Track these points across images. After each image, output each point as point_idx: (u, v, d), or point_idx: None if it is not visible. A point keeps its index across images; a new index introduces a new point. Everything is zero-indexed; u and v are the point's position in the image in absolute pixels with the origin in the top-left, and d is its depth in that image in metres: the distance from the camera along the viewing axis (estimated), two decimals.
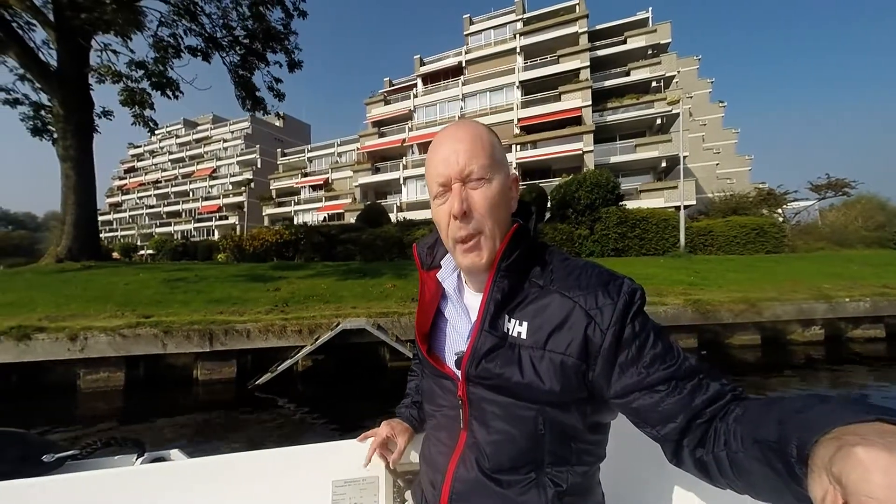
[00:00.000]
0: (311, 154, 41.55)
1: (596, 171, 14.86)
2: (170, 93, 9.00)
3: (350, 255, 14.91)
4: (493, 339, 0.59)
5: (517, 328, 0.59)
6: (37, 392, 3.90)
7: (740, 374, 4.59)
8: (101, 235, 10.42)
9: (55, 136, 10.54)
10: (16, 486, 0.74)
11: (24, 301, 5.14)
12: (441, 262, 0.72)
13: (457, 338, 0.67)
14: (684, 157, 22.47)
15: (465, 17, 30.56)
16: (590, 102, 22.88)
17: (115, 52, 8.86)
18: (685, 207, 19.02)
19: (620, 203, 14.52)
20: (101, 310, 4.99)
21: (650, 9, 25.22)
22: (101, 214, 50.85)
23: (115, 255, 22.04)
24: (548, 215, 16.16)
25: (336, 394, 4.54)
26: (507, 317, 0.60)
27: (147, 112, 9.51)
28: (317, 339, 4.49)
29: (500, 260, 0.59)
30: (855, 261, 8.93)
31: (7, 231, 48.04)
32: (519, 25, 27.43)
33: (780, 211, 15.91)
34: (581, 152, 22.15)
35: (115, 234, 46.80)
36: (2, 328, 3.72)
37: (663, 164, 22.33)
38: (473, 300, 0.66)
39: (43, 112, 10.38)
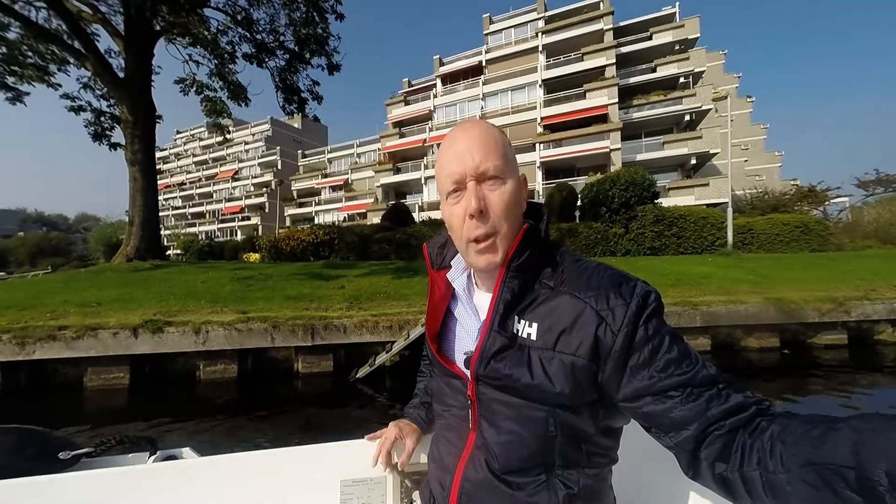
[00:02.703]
0: (330, 155, 42.19)
1: (631, 168, 14.74)
2: (241, 100, 9.39)
3: (384, 254, 15.17)
4: (503, 340, 0.59)
5: (527, 329, 0.58)
6: (164, 382, 4.19)
7: (827, 374, 4.58)
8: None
9: (112, 139, 11.09)
10: (34, 483, 0.76)
11: (126, 298, 5.48)
12: (451, 263, 0.72)
13: (466, 338, 0.66)
14: (715, 154, 22.07)
15: (484, 16, 30.56)
16: (616, 100, 22.68)
17: (197, 63, 9.30)
18: (718, 205, 18.71)
19: (656, 201, 14.39)
20: (199, 305, 5.29)
21: (677, 4, 24.79)
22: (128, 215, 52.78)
23: None
24: (578, 214, 16.14)
25: None
26: (516, 318, 0.59)
27: (224, 120, 9.94)
28: (409, 334, 4.67)
29: (510, 260, 0.59)
30: None
31: (45, 233, 50.16)
32: (540, 24, 27.30)
33: (821, 208, 15.50)
34: (608, 150, 21.96)
35: None
36: (136, 322, 4.02)
37: (693, 162, 21.98)
38: (483, 300, 0.66)
39: (102, 118, 10.93)
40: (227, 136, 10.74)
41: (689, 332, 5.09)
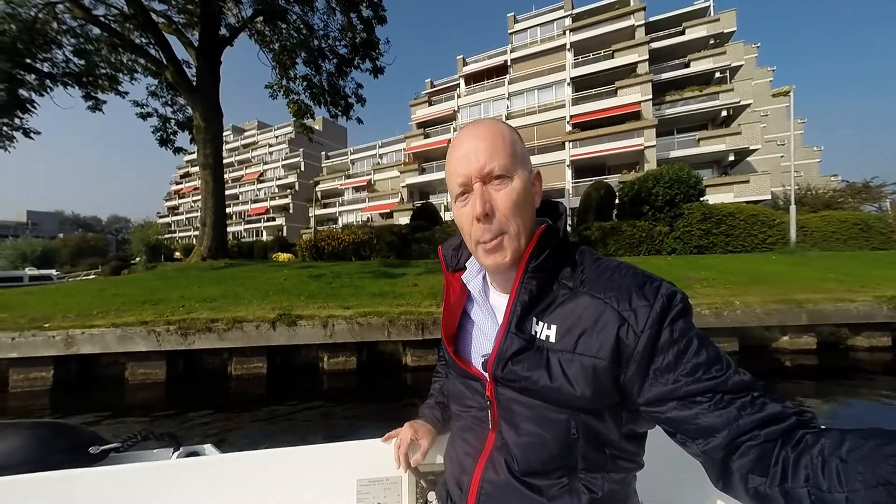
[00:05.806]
0: (353, 156, 42.85)
1: (675, 166, 14.53)
2: (320, 102, 9.76)
3: (424, 252, 15.36)
4: (520, 342, 0.57)
5: (545, 331, 0.56)
6: (291, 373, 4.44)
7: None
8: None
9: (175, 144, 11.61)
10: (66, 476, 0.80)
11: (231, 294, 5.77)
12: (466, 264, 0.72)
13: (483, 340, 0.66)
14: (755, 150, 21.43)
15: (508, 15, 30.51)
16: (650, 97, 22.34)
17: (286, 69, 9.74)
18: (758, 202, 18.21)
19: (702, 198, 14.15)
20: (301, 301, 5.53)
21: None
22: (161, 217, 54.75)
23: (178, 254, 23.25)
24: (616, 212, 15.99)
25: None
26: (534, 319, 0.58)
27: (307, 121, 10.36)
28: None
29: (527, 261, 0.57)
30: None
31: (83, 234, 52.66)
32: (568, 21, 27.10)
33: (877, 205, 14.93)
34: (642, 147, 21.65)
35: (174, 234, 50.11)
36: (272, 316, 4.28)
37: (731, 158, 21.44)
38: (500, 302, 0.64)
39: (167, 124, 11.47)
40: (311, 137, 11.19)
41: (792, 331, 5.04)
